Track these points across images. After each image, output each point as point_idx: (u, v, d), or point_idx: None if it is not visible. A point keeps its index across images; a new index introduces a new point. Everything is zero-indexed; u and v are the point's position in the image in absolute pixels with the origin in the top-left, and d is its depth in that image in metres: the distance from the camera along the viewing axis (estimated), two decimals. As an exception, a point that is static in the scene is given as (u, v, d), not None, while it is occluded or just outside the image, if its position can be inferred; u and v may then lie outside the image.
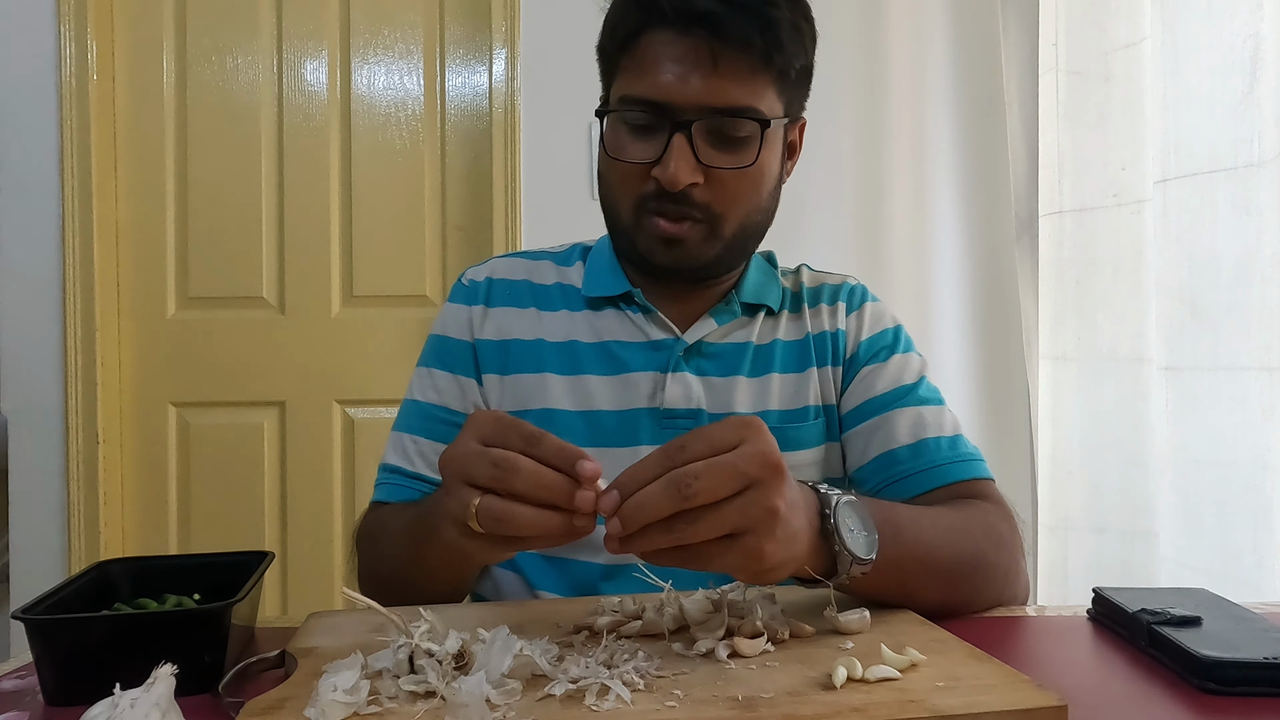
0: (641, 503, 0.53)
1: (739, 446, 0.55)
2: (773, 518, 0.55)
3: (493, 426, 0.58)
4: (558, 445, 0.56)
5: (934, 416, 0.90)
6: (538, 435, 0.57)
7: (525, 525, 0.55)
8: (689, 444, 0.55)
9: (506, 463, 0.55)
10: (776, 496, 0.55)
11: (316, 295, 2.11)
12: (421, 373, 0.96)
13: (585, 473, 0.55)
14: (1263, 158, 1.43)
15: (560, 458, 0.56)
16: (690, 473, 0.53)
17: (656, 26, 0.82)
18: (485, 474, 0.56)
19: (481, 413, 0.60)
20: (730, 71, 0.80)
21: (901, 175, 2.16)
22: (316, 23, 2.11)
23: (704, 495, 0.53)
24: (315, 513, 2.10)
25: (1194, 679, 0.58)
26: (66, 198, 1.98)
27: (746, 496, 0.54)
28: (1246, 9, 1.46)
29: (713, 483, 0.53)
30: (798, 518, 0.59)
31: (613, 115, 0.86)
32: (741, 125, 0.82)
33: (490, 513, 0.55)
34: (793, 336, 0.96)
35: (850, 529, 0.64)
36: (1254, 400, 1.45)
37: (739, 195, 0.85)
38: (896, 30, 2.16)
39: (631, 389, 0.91)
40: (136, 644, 0.57)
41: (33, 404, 1.99)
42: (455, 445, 0.59)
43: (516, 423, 0.58)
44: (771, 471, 0.55)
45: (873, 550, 0.65)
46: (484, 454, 0.56)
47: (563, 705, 0.50)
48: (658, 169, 0.82)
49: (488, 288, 0.97)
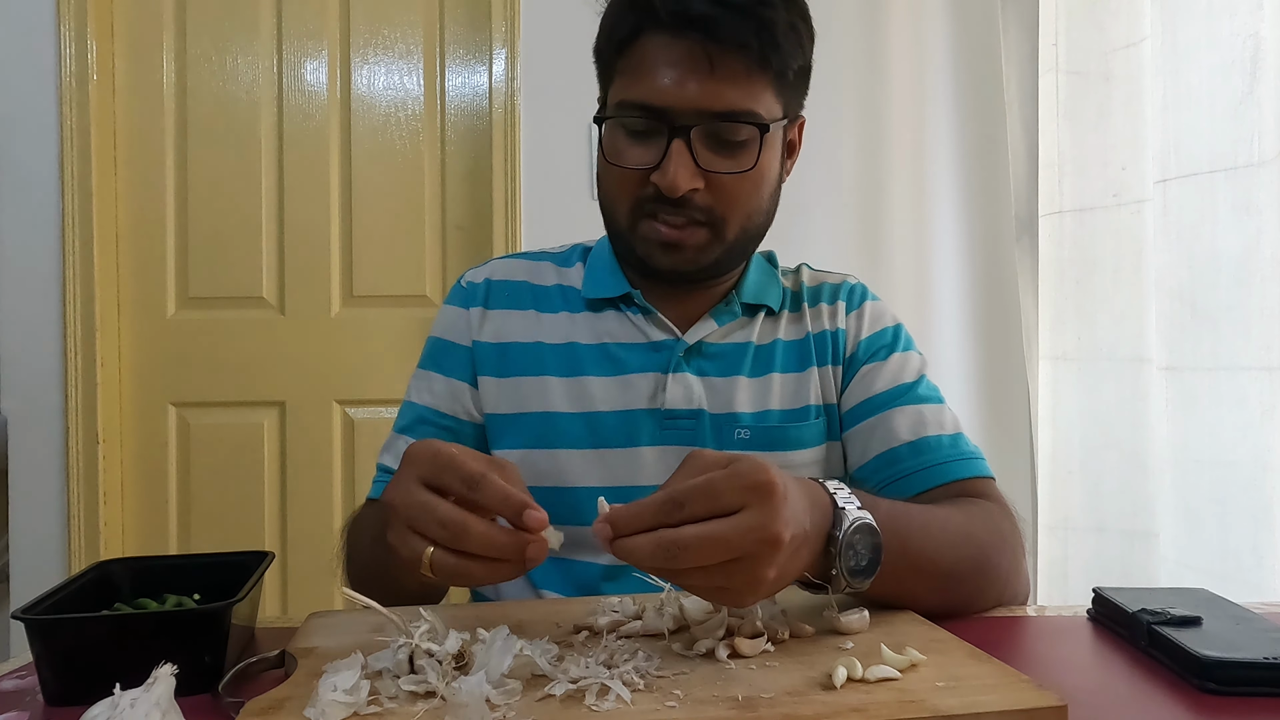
0: (631, 550, 0.54)
1: (740, 512, 0.54)
2: (758, 585, 0.56)
3: (431, 465, 0.58)
4: (501, 493, 0.56)
5: (934, 415, 0.90)
6: (477, 477, 0.57)
7: (481, 579, 0.57)
8: (689, 503, 0.54)
9: (455, 526, 0.56)
10: (766, 569, 0.55)
11: (316, 295, 2.11)
12: (419, 374, 0.97)
13: (531, 524, 0.55)
14: (1263, 158, 1.43)
15: (505, 507, 0.56)
16: (680, 543, 0.53)
17: (652, 30, 0.81)
18: (434, 532, 0.56)
19: (417, 447, 0.60)
20: (727, 75, 0.80)
21: (901, 175, 2.16)
22: (316, 23, 2.11)
23: (690, 563, 0.53)
24: (315, 513, 2.10)
25: (1194, 679, 0.58)
26: (66, 198, 1.98)
27: (737, 564, 0.54)
28: (1246, 9, 1.46)
29: (700, 556, 0.53)
30: (794, 564, 0.59)
31: (610, 120, 0.86)
32: (740, 129, 0.82)
33: (444, 568, 0.56)
34: (793, 336, 0.96)
35: (856, 554, 0.63)
36: (1254, 400, 1.45)
37: (739, 199, 0.85)
38: (896, 30, 2.16)
39: (632, 390, 0.91)
40: (136, 644, 0.57)
41: (33, 404, 1.99)
42: (398, 486, 0.58)
43: (455, 461, 0.58)
44: (767, 547, 0.54)
45: (870, 577, 0.64)
46: (431, 508, 0.56)
47: (563, 705, 0.50)
48: (657, 174, 0.82)
49: (486, 289, 0.97)
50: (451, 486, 0.57)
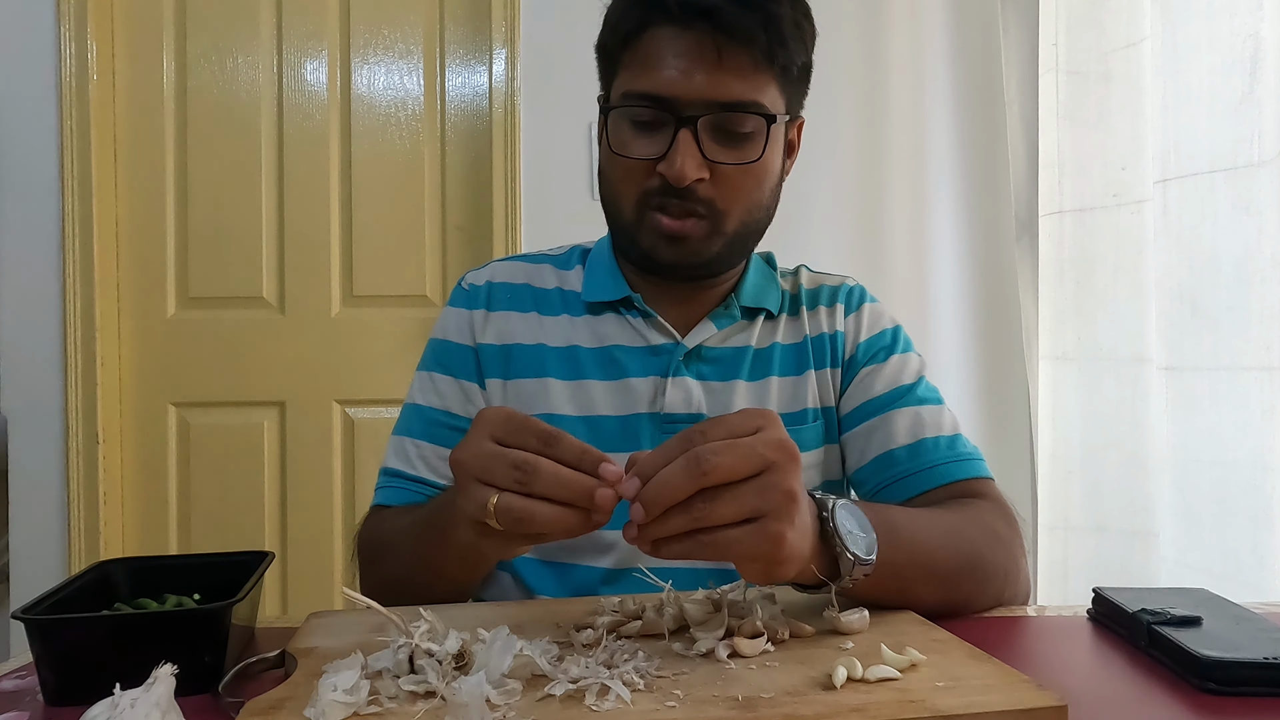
0: (662, 482, 0.54)
1: (756, 432, 0.55)
2: (791, 502, 0.55)
3: (505, 425, 0.58)
4: (578, 447, 0.56)
5: (932, 416, 0.90)
6: (554, 435, 0.57)
7: (546, 523, 0.55)
8: (708, 429, 0.55)
9: (528, 465, 0.55)
10: (794, 480, 0.56)
11: (316, 295, 2.11)
12: (422, 377, 0.96)
13: (609, 476, 0.55)
14: (1263, 158, 1.43)
15: (581, 460, 0.56)
16: (710, 449, 0.53)
17: (660, 22, 0.82)
18: (505, 475, 0.56)
19: (491, 410, 0.60)
20: (734, 66, 0.81)
21: (901, 175, 2.16)
22: (316, 23, 2.11)
23: (722, 471, 0.53)
24: (315, 513, 2.10)
25: (1194, 679, 0.58)
26: (66, 198, 1.98)
27: (764, 479, 0.55)
28: (1246, 9, 1.46)
29: (732, 460, 0.53)
30: (808, 512, 0.60)
31: (616, 111, 0.86)
32: (746, 121, 0.82)
33: (510, 512, 0.55)
34: (791, 340, 0.96)
35: (849, 530, 0.64)
36: (1254, 400, 1.45)
37: (743, 191, 0.85)
38: (896, 30, 2.16)
39: (632, 394, 0.91)
40: (136, 644, 0.57)
41: (33, 404, 1.99)
42: (468, 445, 0.58)
43: (531, 421, 0.58)
44: (788, 456, 0.56)
45: (872, 551, 0.65)
46: (502, 455, 0.56)
47: (563, 705, 0.50)
48: (663, 165, 0.82)
49: (488, 292, 0.97)
50: (527, 444, 0.57)
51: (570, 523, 0.56)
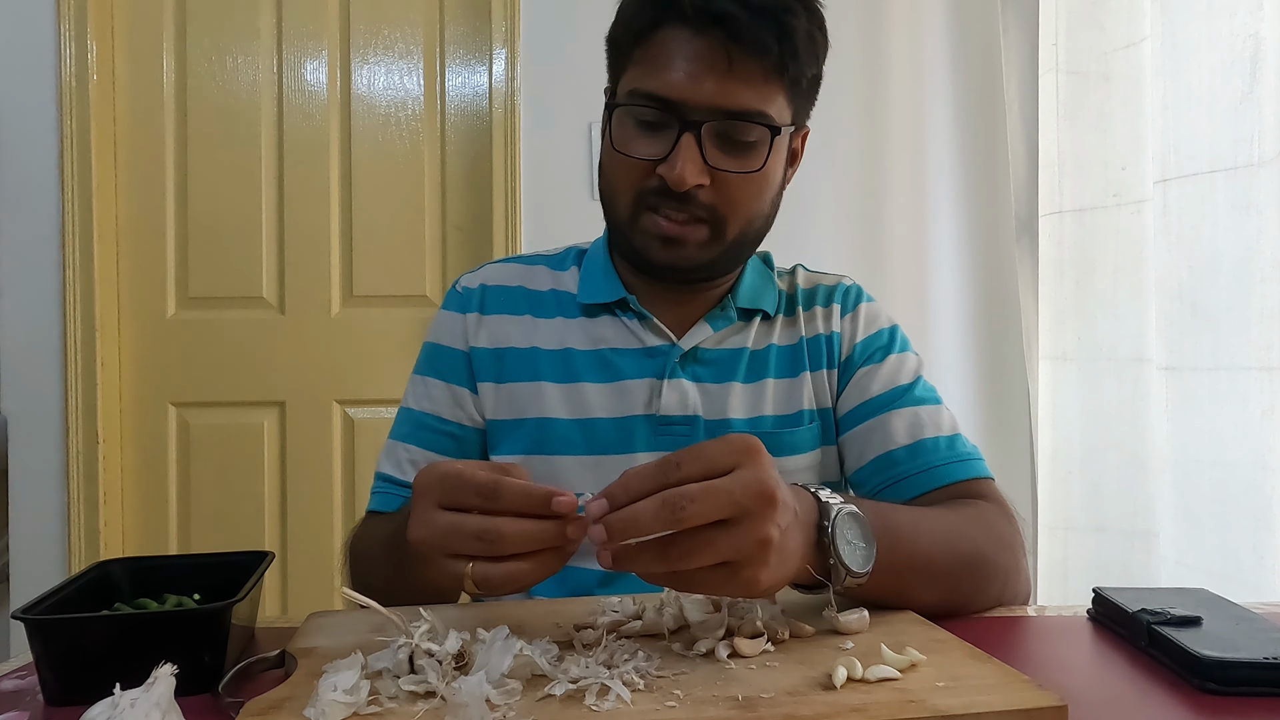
0: (632, 517, 0.53)
1: (735, 471, 0.54)
2: (765, 549, 0.54)
3: (441, 489, 0.58)
4: (521, 491, 0.56)
5: (931, 416, 0.90)
6: (493, 485, 0.56)
7: (527, 578, 0.57)
8: (684, 463, 0.54)
9: (488, 533, 0.55)
10: (769, 527, 0.54)
11: (316, 295, 2.11)
12: (416, 380, 0.96)
13: (563, 509, 0.55)
14: (1263, 158, 1.43)
15: (530, 503, 0.56)
16: (685, 495, 0.52)
17: (674, 23, 0.81)
18: (470, 547, 0.56)
19: (424, 474, 0.60)
20: (744, 75, 0.80)
21: (901, 175, 2.16)
22: (316, 23, 2.11)
23: (695, 519, 0.52)
24: (315, 513, 2.10)
25: (1194, 679, 0.58)
26: (66, 198, 1.98)
27: (740, 527, 0.53)
28: (1246, 9, 1.46)
29: (705, 508, 0.52)
30: (792, 539, 0.59)
31: (620, 108, 0.85)
32: (750, 130, 0.82)
33: (489, 579, 0.56)
34: (787, 341, 0.96)
35: (849, 541, 0.63)
36: (1254, 400, 1.44)
37: (743, 200, 0.85)
38: (896, 30, 2.16)
39: (627, 396, 0.91)
40: (136, 644, 0.57)
41: (33, 404, 1.99)
42: (419, 522, 0.58)
43: (464, 477, 0.57)
44: (764, 502, 0.54)
45: (869, 564, 0.64)
46: (458, 527, 0.56)
47: (563, 705, 0.50)
48: (664, 167, 0.82)
49: (481, 295, 0.97)
50: (469, 502, 0.57)
51: (550, 567, 0.57)
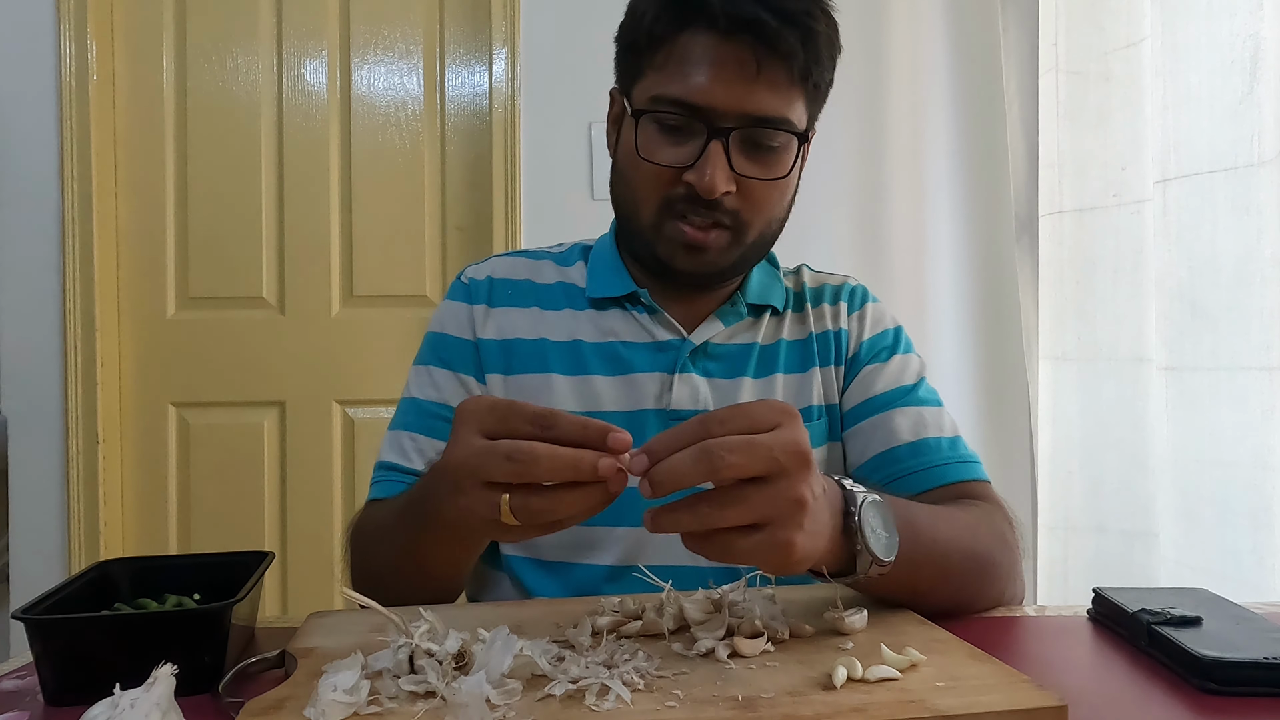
0: (672, 467, 0.52)
1: (775, 430, 0.54)
2: (800, 509, 0.54)
3: (492, 416, 0.56)
4: (578, 424, 0.55)
5: (934, 417, 0.91)
6: (549, 415, 0.55)
7: (566, 510, 0.55)
8: (728, 420, 0.54)
9: (522, 454, 0.53)
10: (804, 487, 0.54)
11: (316, 295, 2.11)
12: (419, 371, 0.95)
13: (617, 445, 0.54)
14: (1263, 158, 1.43)
15: (585, 435, 0.54)
16: (726, 445, 0.52)
17: (699, 27, 0.80)
18: (503, 470, 0.54)
19: (471, 402, 0.58)
20: (770, 81, 0.80)
21: (901, 175, 2.16)
22: (316, 23, 2.11)
23: (735, 471, 0.52)
24: (315, 513, 2.10)
25: (1194, 679, 0.58)
26: (66, 198, 1.98)
27: (775, 485, 0.53)
28: (1246, 9, 1.46)
29: (745, 460, 0.52)
30: (824, 511, 0.59)
31: (645, 115, 0.84)
32: (775, 135, 0.82)
33: (527, 509, 0.54)
34: (796, 336, 0.96)
35: (873, 529, 0.63)
36: (1254, 400, 1.44)
37: (766, 205, 0.86)
38: (896, 30, 2.16)
39: (637, 390, 0.91)
40: (136, 644, 0.57)
41: (33, 404, 1.99)
42: (458, 445, 0.57)
43: (518, 405, 0.56)
44: (801, 462, 0.54)
45: (893, 553, 0.64)
46: (494, 449, 0.55)
47: (563, 705, 0.50)
48: (691, 174, 0.81)
49: (489, 287, 0.97)
50: (521, 430, 0.55)
51: (591, 502, 0.54)
